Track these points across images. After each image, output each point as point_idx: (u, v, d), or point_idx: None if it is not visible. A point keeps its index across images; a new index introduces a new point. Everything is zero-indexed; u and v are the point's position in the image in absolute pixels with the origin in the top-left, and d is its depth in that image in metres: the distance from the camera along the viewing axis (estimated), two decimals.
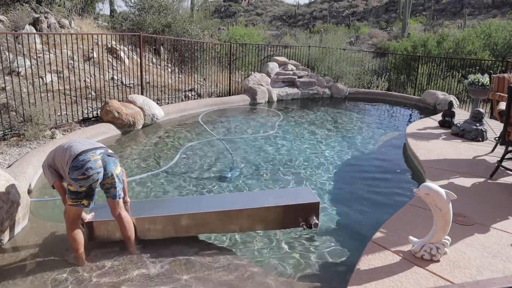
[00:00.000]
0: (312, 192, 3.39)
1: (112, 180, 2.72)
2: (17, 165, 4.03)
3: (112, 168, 2.70)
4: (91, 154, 2.63)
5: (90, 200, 2.66)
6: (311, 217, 3.16)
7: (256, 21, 47.01)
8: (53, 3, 9.46)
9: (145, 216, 3.00)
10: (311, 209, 3.17)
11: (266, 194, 3.67)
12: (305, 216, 3.16)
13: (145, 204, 3.39)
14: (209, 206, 3.13)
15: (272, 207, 3.12)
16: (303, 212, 3.16)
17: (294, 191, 3.72)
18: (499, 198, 3.55)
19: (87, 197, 2.63)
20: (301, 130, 6.94)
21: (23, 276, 2.60)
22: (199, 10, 15.58)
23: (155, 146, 5.74)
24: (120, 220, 2.81)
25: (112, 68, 8.44)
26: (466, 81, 6.02)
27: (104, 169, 2.66)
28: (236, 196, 3.63)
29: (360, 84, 11.85)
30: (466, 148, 5.19)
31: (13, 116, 5.28)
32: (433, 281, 2.27)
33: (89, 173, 2.57)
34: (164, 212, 3.03)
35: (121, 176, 2.82)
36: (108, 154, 2.73)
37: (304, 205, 3.15)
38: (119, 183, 2.77)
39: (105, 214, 2.94)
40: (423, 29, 28.20)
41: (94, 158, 2.61)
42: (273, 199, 3.23)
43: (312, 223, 3.13)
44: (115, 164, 2.74)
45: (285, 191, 3.90)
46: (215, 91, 9.74)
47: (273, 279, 2.66)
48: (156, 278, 2.61)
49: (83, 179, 2.57)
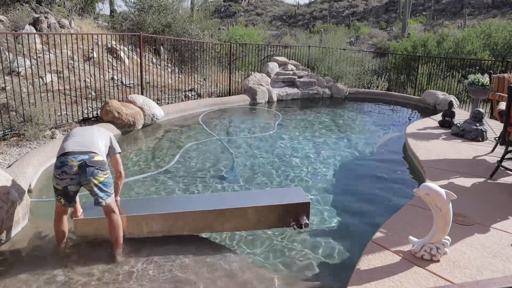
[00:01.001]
0: (303, 192, 3.38)
1: (90, 188, 2.70)
2: (17, 165, 4.02)
3: (89, 178, 2.64)
4: (71, 158, 2.63)
5: (66, 200, 2.71)
6: (302, 217, 3.16)
7: (256, 21, 47.01)
8: (53, 3, 9.46)
9: (138, 214, 3.00)
10: (302, 209, 3.17)
11: (257, 193, 3.68)
12: (295, 216, 3.17)
13: (138, 202, 3.40)
14: (200, 205, 3.14)
15: (263, 206, 3.12)
16: (293, 212, 3.16)
17: (285, 191, 3.73)
18: (499, 198, 3.55)
19: (64, 196, 2.70)
20: (301, 130, 6.94)
21: (23, 276, 2.60)
22: (199, 10, 15.58)
23: (155, 146, 5.74)
24: (108, 222, 2.80)
25: (112, 68, 8.44)
26: (466, 81, 6.03)
27: (79, 176, 2.64)
28: (227, 196, 3.65)
29: (360, 84, 11.85)
30: (466, 148, 5.19)
31: (13, 116, 5.28)
32: (433, 281, 2.27)
33: (63, 176, 2.63)
34: (155, 211, 3.04)
35: (106, 184, 2.75)
36: (90, 163, 2.65)
37: (294, 205, 3.16)
38: (100, 191, 2.70)
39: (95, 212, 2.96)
40: (423, 29, 28.20)
41: (71, 163, 2.62)
42: (264, 198, 3.24)
43: (302, 223, 3.12)
44: (94, 174, 2.66)
45: (276, 191, 3.92)
46: (215, 91, 9.74)
47: (273, 279, 2.66)
48: (152, 278, 2.61)
49: (59, 179, 2.65)
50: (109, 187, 2.79)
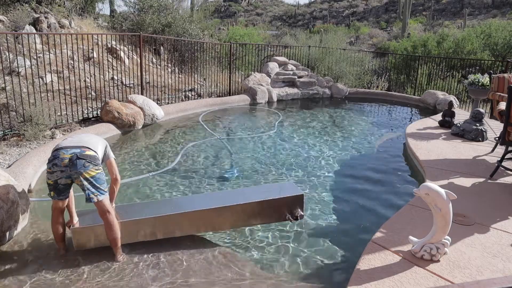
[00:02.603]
0: (296, 186, 3.46)
1: (80, 182, 2.68)
2: (17, 165, 4.03)
3: (79, 171, 2.63)
4: (63, 151, 2.67)
5: (56, 193, 2.73)
6: (296, 210, 3.25)
7: (256, 21, 47.02)
8: (53, 3, 9.46)
9: (133, 219, 2.97)
10: (296, 202, 3.25)
11: (251, 190, 3.71)
12: (290, 209, 3.24)
13: (133, 207, 3.37)
14: (195, 205, 3.15)
15: (258, 202, 3.16)
16: (288, 205, 3.24)
17: (278, 186, 3.79)
18: (499, 198, 3.55)
19: (54, 190, 2.72)
20: (300, 130, 6.94)
21: (23, 276, 2.60)
22: (199, 10, 15.59)
23: (155, 146, 5.74)
24: (104, 223, 2.79)
25: (112, 68, 8.44)
26: (466, 81, 6.03)
27: (69, 169, 2.63)
28: (222, 194, 3.69)
29: (360, 84, 11.84)
30: (466, 148, 5.19)
31: (13, 116, 5.28)
32: (433, 281, 2.27)
33: (54, 169, 2.66)
34: (150, 214, 3.02)
35: (98, 180, 2.73)
36: (81, 156, 2.65)
37: (288, 198, 3.23)
38: (91, 187, 2.68)
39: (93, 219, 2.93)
40: (423, 29, 28.21)
41: (62, 156, 2.65)
42: (258, 194, 3.29)
43: (297, 215, 3.23)
44: (85, 167, 2.65)
45: (270, 186, 4.00)
46: (215, 91, 9.74)
47: (273, 279, 2.66)
48: (152, 278, 2.61)
49: (49, 172, 2.68)
50: (102, 184, 2.75)
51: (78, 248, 2.88)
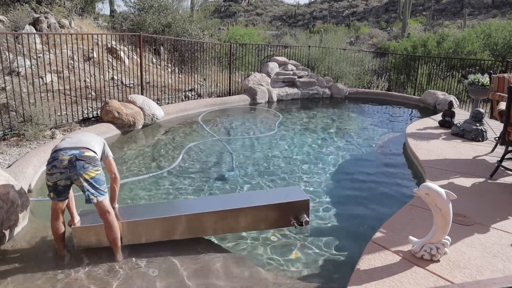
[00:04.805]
0: (301, 190, 3.41)
1: (79, 183, 2.68)
2: (17, 165, 4.03)
3: (79, 172, 2.63)
4: (62, 153, 2.65)
5: (55, 195, 2.73)
6: (302, 215, 3.19)
7: (256, 21, 47.03)
8: (53, 3, 9.46)
9: (136, 220, 2.96)
10: (301, 207, 3.20)
11: (256, 194, 3.68)
12: (295, 214, 3.19)
13: (136, 208, 3.36)
14: (199, 208, 3.12)
15: (263, 206, 3.13)
16: (293, 210, 3.19)
17: (284, 190, 3.74)
18: (499, 198, 3.55)
19: (53, 191, 2.72)
20: (300, 130, 6.94)
21: (23, 275, 2.60)
22: (199, 10, 15.59)
23: (155, 146, 5.74)
24: (104, 224, 2.79)
25: (112, 68, 8.44)
26: (466, 81, 6.02)
27: (69, 170, 2.63)
28: (226, 198, 3.63)
29: (360, 84, 11.84)
30: (466, 148, 5.19)
31: (13, 116, 5.28)
32: (433, 281, 2.27)
33: (53, 170, 2.65)
34: (154, 215, 3.01)
35: (98, 180, 2.72)
36: (80, 157, 2.65)
37: (294, 203, 3.18)
38: (91, 188, 2.68)
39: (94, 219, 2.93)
40: (423, 29, 28.20)
41: (61, 157, 2.64)
42: (264, 198, 3.25)
43: (303, 221, 3.17)
44: (84, 168, 2.65)
45: (276, 190, 3.94)
46: (215, 91, 9.74)
47: (273, 279, 2.66)
48: (152, 278, 2.61)
49: (49, 174, 2.68)
50: (102, 185, 2.75)
51: (79, 247, 2.89)
